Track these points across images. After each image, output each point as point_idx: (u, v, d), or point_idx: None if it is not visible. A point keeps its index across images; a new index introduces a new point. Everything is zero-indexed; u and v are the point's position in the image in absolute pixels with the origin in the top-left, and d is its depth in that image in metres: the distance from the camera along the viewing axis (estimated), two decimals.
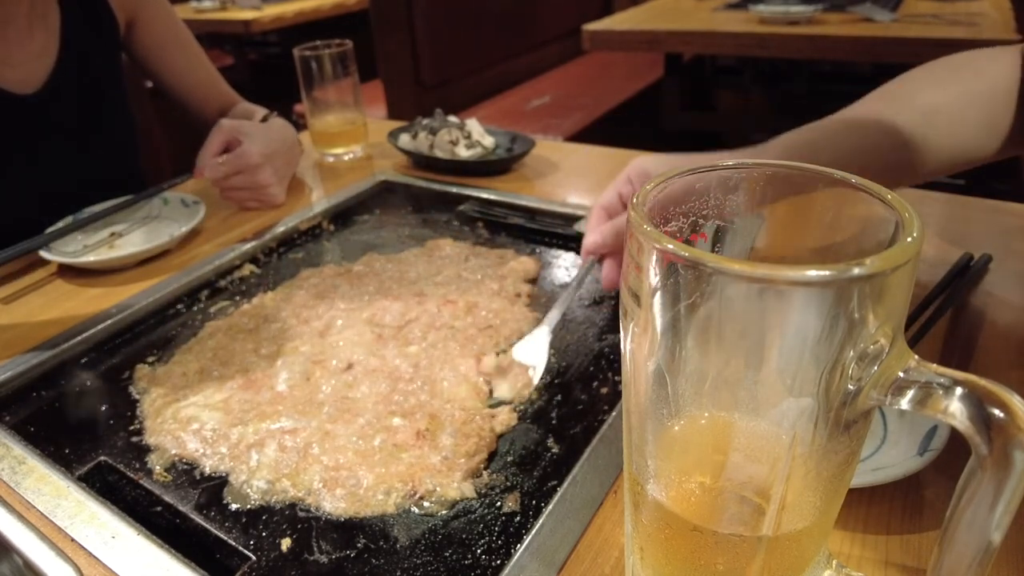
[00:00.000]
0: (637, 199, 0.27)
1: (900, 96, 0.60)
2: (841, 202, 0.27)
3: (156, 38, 1.04)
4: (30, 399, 0.60)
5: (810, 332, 0.23)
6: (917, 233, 0.23)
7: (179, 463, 0.51)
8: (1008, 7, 1.77)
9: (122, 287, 0.74)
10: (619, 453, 0.47)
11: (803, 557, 0.30)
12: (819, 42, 1.70)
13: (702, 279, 0.23)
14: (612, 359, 0.59)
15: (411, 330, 0.64)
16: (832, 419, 0.24)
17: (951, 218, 0.74)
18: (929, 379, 0.22)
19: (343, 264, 0.78)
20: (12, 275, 0.78)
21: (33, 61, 0.89)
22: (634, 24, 2.01)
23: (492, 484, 0.47)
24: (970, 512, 0.23)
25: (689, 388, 0.26)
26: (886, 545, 0.39)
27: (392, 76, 2.01)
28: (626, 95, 2.32)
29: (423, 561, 0.42)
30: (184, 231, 0.81)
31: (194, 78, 1.08)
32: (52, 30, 0.92)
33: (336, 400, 0.56)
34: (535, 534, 0.41)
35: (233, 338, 0.65)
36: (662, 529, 0.30)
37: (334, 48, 1.02)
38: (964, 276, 0.61)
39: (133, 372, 0.62)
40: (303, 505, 0.47)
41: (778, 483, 0.26)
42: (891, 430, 0.45)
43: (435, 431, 0.51)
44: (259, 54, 3.52)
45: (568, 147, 1.08)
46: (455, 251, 0.78)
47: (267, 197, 0.90)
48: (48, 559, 0.41)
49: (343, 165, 1.06)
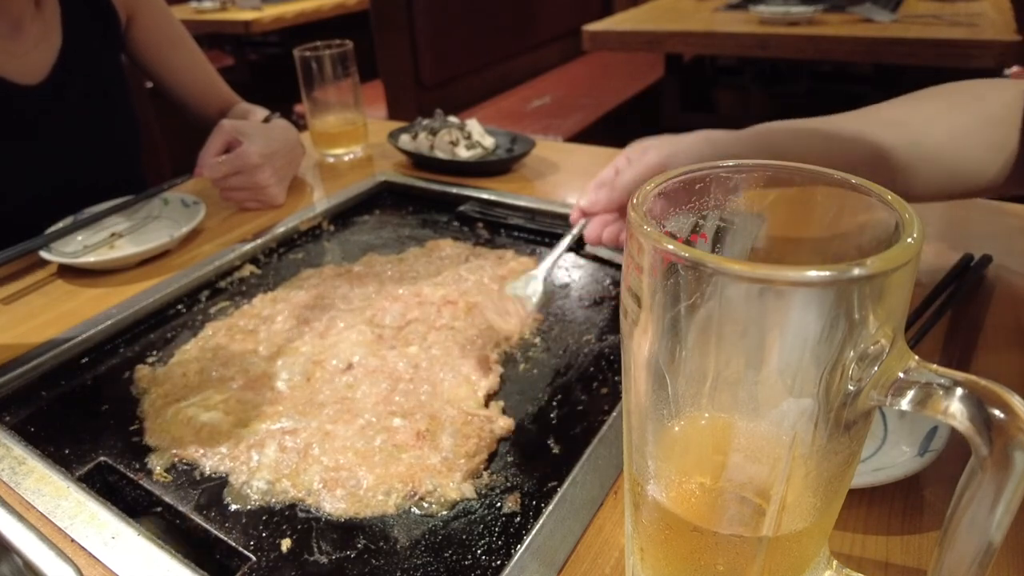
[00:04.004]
0: (637, 199, 0.27)
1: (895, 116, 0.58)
2: (841, 203, 0.27)
3: (154, 36, 1.04)
4: (30, 399, 0.60)
5: (810, 332, 0.23)
6: (917, 233, 0.23)
7: (179, 463, 0.51)
8: (1008, 7, 1.77)
9: (122, 287, 0.74)
10: (619, 454, 0.47)
11: (803, 557, 0.30)
12: (819, 42, 1.70)
13: (702, 279, 0.23)
14: (612, 359, 0.59)
15: (411, 330, 0.64)
16: (832, 419, 0.24)
17: (951, 218, 0.74)
18: (929, 379, 0.22)
19: (343, 264, 0.78)
20: (12, 275, 0.78)
21: (33, 52, 0.90)
22: (634, 24, 2.01)
23: (492, 485, 0.47)
24: (970, 512, 0.23)
25: (689, 388, 0.26)
26: (886, 546, 0.39)
27: (392, 76, 2.01)
28: (626, 95, 2.32)
29: (423, 562, 0.42)
30: (184, 231, 0.81)
31: (192, 77, 1.08)
32: (52, 22, 0.92)
33: (336, 400, 0.56)
34: (535, 535, 0.41)
35: (233, 338, 0.65)
36: (662, 530, 0.30)
37: (334, 48, 1.02)
38: (964, 276, 0.61)
39: (133, 372, 0.62)
40: (303, 505, 0.47)
41: (778, 484, 0.26)
42: (891, 430, 0.45)
43: (435, 431, 0.51)
44: (259, 55, 3.52)
45: (568, 147, 1.08)
46: (455, 251, 0.78)
47: (266, 198, 0.90)
48: (48, 559, 0.41)
49: (343, 165, 1.06)
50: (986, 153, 0.56)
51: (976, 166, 0.57)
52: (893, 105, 0.60)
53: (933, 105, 0.59)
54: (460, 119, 1.04)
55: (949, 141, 0.56)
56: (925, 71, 1.33)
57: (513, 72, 2.43)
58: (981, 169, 0.56)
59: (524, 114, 2.14)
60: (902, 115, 0.58)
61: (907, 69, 2.10)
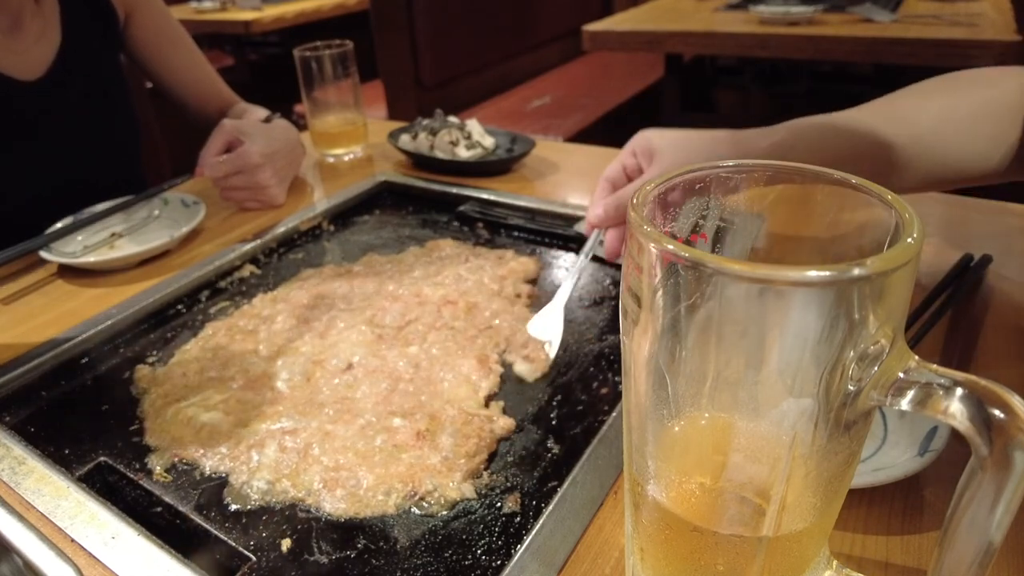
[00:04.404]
0: (637, 199, 0.27)
1: (899, 108, 0.59)
2: (841, 203, 0.27)
3: (152, 35, 1.04)
4: (30, 399, 0.60)
5: (810, 333, 0.23)
6: (917, 233, 0.23)
7: (179, 463, 0.51)
8: (1008, 7, 1.77)
9: (122, 287, 0.74)
10: (619, 454, 0.46)
11: (803, 558, 0.30)
12: (819, 42, 1.70)
13: (702, 279, 0.23)
14: (612, 359, 0.59)
15: (411, 330, 0.64)
16: (832, 419, 0.24)
17: (951, 218, 0.74)
18: (929, 380, 0.22)
19: (343, 264, 0.78)
20: (12, 275, 0.78)
21: (33, 48, 0.90)
22: (634, 24, 2.01)
23: (492, 485, 0.47)
24: (970, 512, 0.23)
25: (689, 389, 0.26)
26: (886, 546, 0.39)
27: (392, 76, 2.01)
28: (626, 95, 2.32)
29: (423, 562, 0.42)
30: (184, 231, 0.81)
31: (191, 77, 1.09)
32: (51, 19, 0.92)
33: (336, 400, 0.56)
34: (535, 535, 0.41)
35: (233, 338, 0.65)
36: (662, 530, 0.30)
37: (334, 48, 1.02)
38: (964, 276, 0.61)
39: (133, 372, 0.62)
40: (303, 505, 0.47)
41: (778, 484, 0.26)
42: (891, 431, 0.45)
43: (435, 431, 0.51)
44: (259, 55, 3.52)
45: (568, 147, 1.08)
46: (455, 251, 0.78)
47: (267, 198, 0.90)
48: (48, 559, 0.41)
49: (343, 165, 1.06)
50: (989, 141, 0.56)
51: (979, 154, 0.57)
52: (902, 96, 0.60)
53: (946, 87, 0.59)
54: (460, 119, 1.04)
55: (968, 122, 0.56)
56: (925, 71, 1.33)
57: (513, 72, 2.43)
58: (984, 157, 0.57)
59: (524, 114, 2.14)
60: (909, 108, 0.58)
61: (907, 69, 2.10)
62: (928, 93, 0.59)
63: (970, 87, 0.59)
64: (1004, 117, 0.55)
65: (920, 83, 0.60)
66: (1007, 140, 0.55)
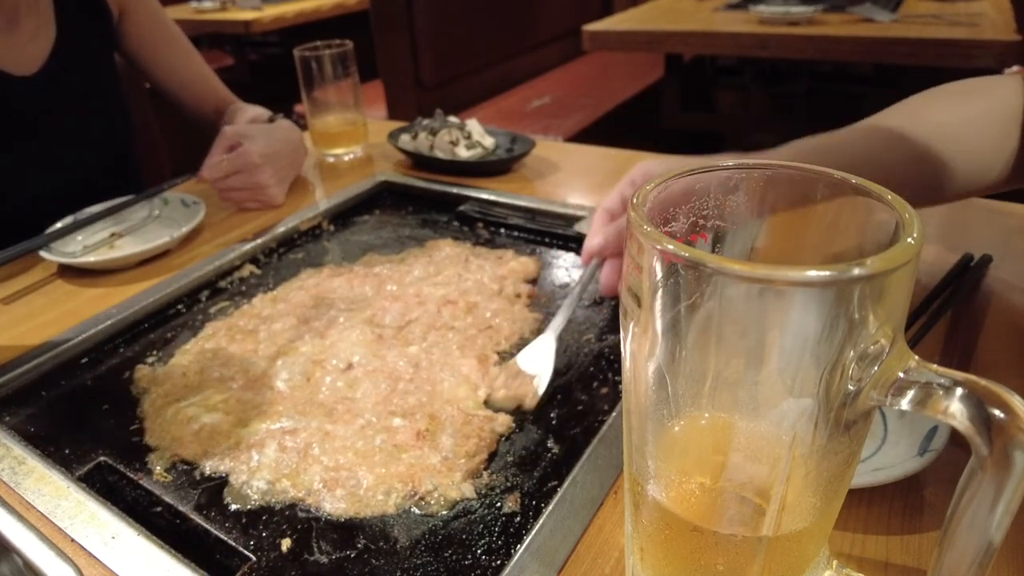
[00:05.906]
0: (637, 199, 0.27)
1: (917, 113, 0.59)
2: (841, 203, 0.27)
3: (146, 33, 1.05)
4: (30, 399, 0.60)
5: (810, 332, 0.23)
6: (917, 234, 0.23)
7: (179, 463, 0.51)
8: (1008, 7, 1.77)
9: (122, 287, 0.74)
10: (619, 453, 0.47)
11: (803, 557, 0.30)
12: (819, 42, 1.70)
13: (702, 279, 0.23)
14: (612, 359, 0.59)
15: (411, 330, 0.64)
16: (832, 419, 0.24)
17: (951, 219, 0.74)
18: (929, 379, 0.22)
19: (343, 264, 0.78)
20: (12, 275, 0.78)
21: (28, 45, 0.90)
22: (634, 24, 2.01)
23: (492, 484, 0.47)
24: (970, 512, 0.23)
25: (689, 389, 0.26)
26: (886, 546, 0.39)
27: (392, 76, 2.01)
28: (626, 95, 2.32)
29: (423, 561, 0.42)
30: (184, 231, 0.81)
31: (187, 75, 1.09)
32: (46, 15, 0.93)
33: (336, 400, 0.56)
34: (535, 534, 0.41)
35: (233, 338, 0.65)
36: (662, 529, 0.30)
37: (334, 48, 1.02)
38: (964, 276, 0.61)
39: (133, 372, 0.62)
40: (303, 505, 0.47)
41: (778, 483, 0.26)
42: (891, 430, 0.45)
43: (435, 431, 0.51)
44: (259, 54, 3.52)
45: (568, 147, 1.08)
46: (455, 251, 0.78)
47: (266, 198, 0.90)
48: (48, 559, 0.41)
49: (343, 165, 1.06)
50: (993, 151, 0.56)
51: (977, 168, 0.57)
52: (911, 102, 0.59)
53: (949, 97, 0.59)
54: (460, 119, 1.04)
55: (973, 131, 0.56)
56: (925, 71, 1.33)
57: (513, 72, 2.43)
58: (989, 166, 0.57)
59: (524, 114, 2.14)
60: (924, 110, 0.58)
61: (907, 69, 2.10)
62: (922, 108, 0.59)
63: (962, 100, 0.59)
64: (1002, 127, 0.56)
65: (911, 98, 0.60)
66: (1006, 150, 0.56)
